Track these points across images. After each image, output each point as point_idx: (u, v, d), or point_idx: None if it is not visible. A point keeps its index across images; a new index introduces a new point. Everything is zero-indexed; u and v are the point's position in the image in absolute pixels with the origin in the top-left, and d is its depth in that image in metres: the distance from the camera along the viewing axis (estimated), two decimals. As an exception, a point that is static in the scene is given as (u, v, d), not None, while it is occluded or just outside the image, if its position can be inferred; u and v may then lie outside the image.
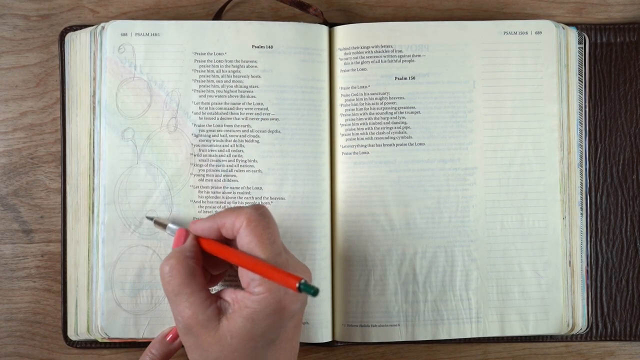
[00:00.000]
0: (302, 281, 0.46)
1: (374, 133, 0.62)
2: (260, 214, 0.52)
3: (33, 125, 0.66)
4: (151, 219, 0.60)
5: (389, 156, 0.62)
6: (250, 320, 0.50)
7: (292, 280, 0.47)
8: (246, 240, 0.51)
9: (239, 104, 0.62)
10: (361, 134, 0.62)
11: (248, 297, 0.50)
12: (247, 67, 0.62)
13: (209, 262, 0.55)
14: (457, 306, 0.62)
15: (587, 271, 0.63)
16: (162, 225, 0.60)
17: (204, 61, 0.62)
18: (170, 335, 0.59)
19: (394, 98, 0.63)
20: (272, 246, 0.51)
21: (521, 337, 0.64)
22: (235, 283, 0.57)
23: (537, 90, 0.63)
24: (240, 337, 0.50)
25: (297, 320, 0.53)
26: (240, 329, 0.50)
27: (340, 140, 0.63)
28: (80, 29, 0.63)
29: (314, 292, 0.46)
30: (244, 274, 0.51)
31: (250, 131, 0.62)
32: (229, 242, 0.54)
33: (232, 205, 0.61)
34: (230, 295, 0.52)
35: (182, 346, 0.60)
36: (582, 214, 0.63)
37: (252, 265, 0.49)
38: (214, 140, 0.62)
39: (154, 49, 0.62)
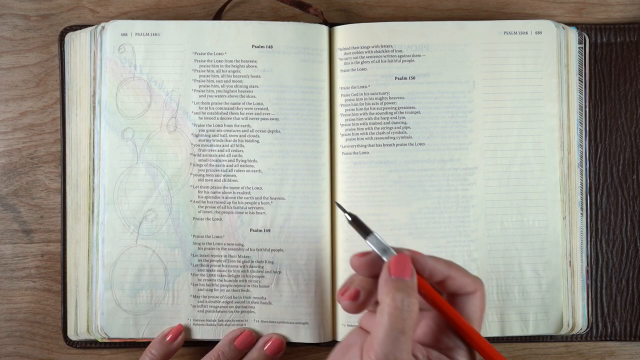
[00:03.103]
0: None
1: (374, 133, 0.62)
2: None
3: (33, 125, 0.66)
4: (353, 216, 0.48)
5: (389, 156, 0.62)
6: None
7: None
8: (478, 312, 0.47)
9: (239, 103, 0.62)
10: (361, 134, 0.62)
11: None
12: (247, 67, 0.62)
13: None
14: (457, 306, 0.62)
15: (587, 271, 0.63)
16: (365, 231, 0.48)
17: (204, 61, 0.62)
18: (170, 335, 0.59)
19: (394, 98, 0.62)
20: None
21: (521, 337, 0.64)
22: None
23: (537, 90, 0.63)
24: None
25: None
26: None
27: (340, 140, 0.63)
28: (80, 29, 0.63)
29: None
30: (450, 336, 0.47)
31: (250, 131, 0.62)
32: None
33: (232, 205, 0.61)
34: (420, 351, 0.47)
35: (182, 346, 0.61)
36: (582, 214, 0.63)
37: (482, 346, 0.46)
38: (213, 140, 0.62)
39: (154, 49, 0.62)
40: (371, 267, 0.47)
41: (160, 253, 0.61)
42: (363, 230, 0.48)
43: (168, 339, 0.59)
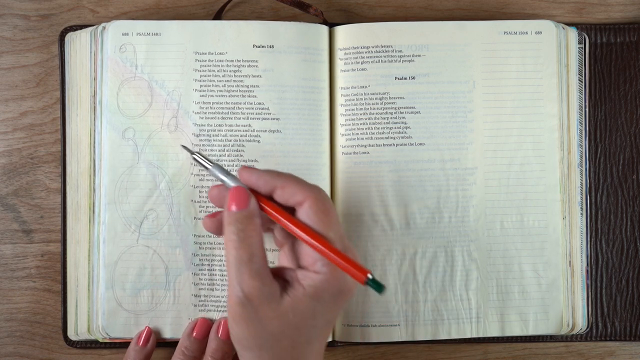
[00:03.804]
0: (371, 277, 0.46)
1: (374, 133, 0.62)
2: (326, 195, 0.50)
3: (33, 125, 0.66)
4: (197, 154, 0.55)
5: (389, 156, 0.62)
6: (316, 299, 0.48)
7: (361, 273, 0.46)
8: (314, 218, 0.49)
9: (240, 103, 0.62)
10: (361, 133, 0.62)
11: (313, 276, 0.49)
12: (248, 66, 0.62)
13: None
14: (457, 306, 0.62)
15: (587, 271, 0.63)
16: (207, 161, 0.54)
17: (205, 61, 0.62)
18: (141, 340, 0.59)
19: (394, 98, 0.63)
20: (340, 230, 0.49)
21: (521, 337, 0.64)
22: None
23: (537, 90, 0.63)
24: (303, 315, 0.48)
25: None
26: (305, 307, 0.48)
27: (340, 140, 0.63)
28: (80, 29, 0.63)
29: (381, 289, 0.45)
30: (308, 252, 0.49)
31: (251, 131, 0.62)
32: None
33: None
34: (289, 274, 0.50)
35: (156, 347, 0.60)
36: (582, 214, 0.63)
37: (325, 249, 0.48)
38: (214, 140, 0.62)
39: (155, 49, 0.62)
40: (222, 199, 0.52)
41: (161, 253, 0.61)
42: (207, 161, 0.53)
43: (140, 344, 0.59)
